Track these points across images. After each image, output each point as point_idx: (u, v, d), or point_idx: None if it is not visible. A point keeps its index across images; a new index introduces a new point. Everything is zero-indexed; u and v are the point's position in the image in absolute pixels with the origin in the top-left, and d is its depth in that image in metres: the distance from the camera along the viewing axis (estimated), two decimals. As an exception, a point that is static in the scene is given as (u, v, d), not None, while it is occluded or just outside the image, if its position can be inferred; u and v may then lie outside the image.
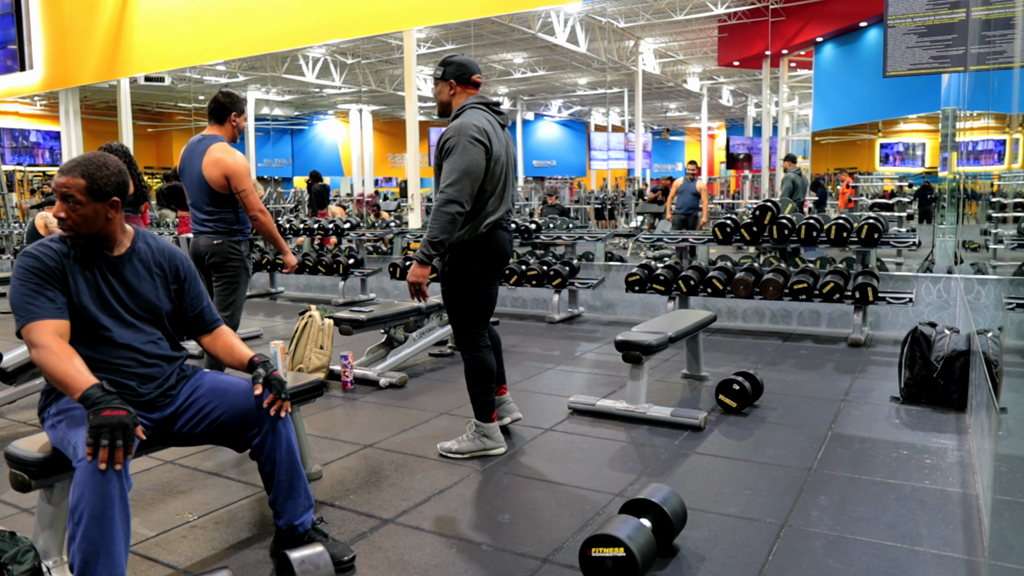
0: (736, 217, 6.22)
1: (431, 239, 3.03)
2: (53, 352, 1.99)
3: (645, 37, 19.35)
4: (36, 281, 2.09)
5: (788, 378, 4.58)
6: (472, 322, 3.28)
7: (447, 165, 3.03)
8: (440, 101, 3.28)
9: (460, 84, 3.22)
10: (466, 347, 3.30)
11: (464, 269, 3.20)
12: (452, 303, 3.29)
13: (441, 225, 3.02)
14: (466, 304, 3.26)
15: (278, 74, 19.63)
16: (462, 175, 3.00)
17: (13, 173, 18.94)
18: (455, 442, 3.34)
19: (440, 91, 3.26)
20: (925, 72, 5.83)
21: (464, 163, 3.00)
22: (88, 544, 1.82)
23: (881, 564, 2.29)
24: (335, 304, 7.84)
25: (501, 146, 3.18)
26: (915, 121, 18.13)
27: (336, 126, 29.12)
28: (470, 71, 3.23)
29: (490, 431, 3.32)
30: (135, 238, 2.31)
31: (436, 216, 3.02)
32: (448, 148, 3.06)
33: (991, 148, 4.90)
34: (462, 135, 3.02)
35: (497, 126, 3.20)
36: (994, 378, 2.87)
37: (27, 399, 4.06)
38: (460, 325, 3.30)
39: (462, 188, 3.00)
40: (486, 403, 3.30)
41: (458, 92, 3.23)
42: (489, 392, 3.31)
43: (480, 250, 3.18)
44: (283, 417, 2.27)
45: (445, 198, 3.00)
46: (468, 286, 3.22)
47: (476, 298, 3.25)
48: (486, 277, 3.24)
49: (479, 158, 3.03)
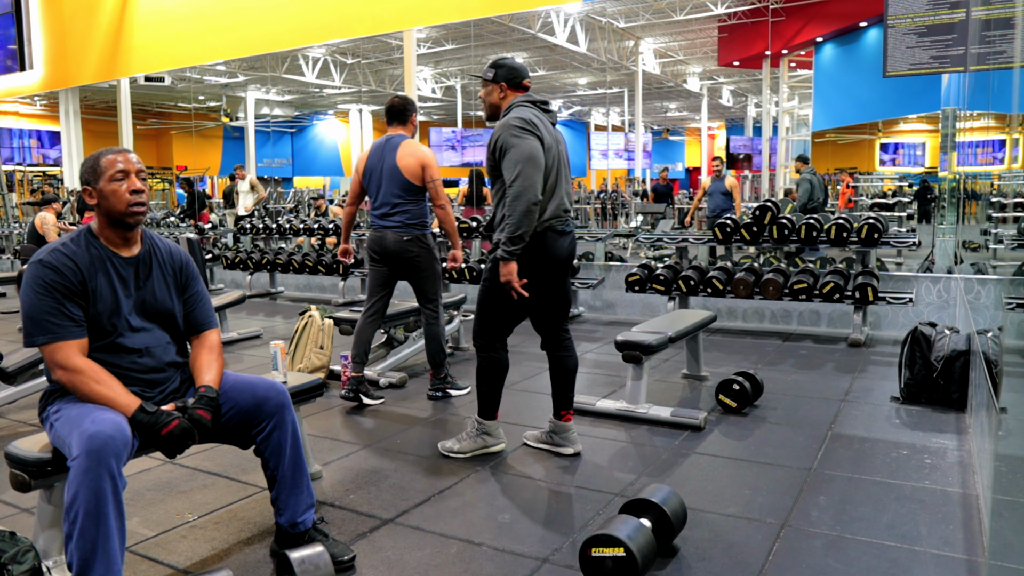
0: (736, 217, 6.22)
1: (510, 235, 2.92)
2: (89, 377, 2.06)
3: (645, 37, 19.34)
4: (56, 296, 2.08)
5: (788, 378, 4.58)
6: (497, 324, 3.18)
7: (505, 163, 2.94)
8: (489, 103, 3.20)
9: (511, 87, 3.15)
10: (482, 345, 3.21)
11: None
12: (484, 299, 3.17)
13: (517, 219, 2.89)
14: (497, 306, 3.14)
15: (278, 74, 19.62)
16: (523, 163, 2.89)
17: (13, 173, 18.93)
18: (455, 441, 3.31)
19: (489, 93, 3.19)
20: (925, 72, 5.83)
21: (521, 153, 2.90)
22: (85, 542, 1.83)
23: (881, 564, 2.29)
24: (335, 304, 7.84)
25: (552, 141, 3.06)
26: (915, 121, 18.14)
27: (336, 126, 29.10)
28: (521, 75, 3.16)
29: (491, 428, 3.28)
30: (144, 239, 2.31)
31: (510, 212, 2.91)
32: (501, 147, 2.97)
33: (991, 148, 4.90)
34: (508, 130, 2.95)
35: (547, 122, 3.09)
36: (994, 378, 2.87)
37: (27, 399, 4.06)
38: (484, 322, 3.19)
39: (527, 176, 2.88)
40: (491, 400, 3.25)
41: (508, 94, 3.16)
42: (497, 391, 3.25)
43: (527, 252, 3.01)
44: (290, 409, 2.30)
45: (514, 192, 2.89)
46: (501, 287, 3.05)
47: (509, 303, 3.10)
48: (531, 282, 3.06)
49: (535, 144, 2.93)
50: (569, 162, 3.25)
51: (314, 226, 8.76)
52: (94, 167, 2.20)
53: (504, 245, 2.95)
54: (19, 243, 10.97)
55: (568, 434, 3.31)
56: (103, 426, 1.90)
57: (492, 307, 3.16)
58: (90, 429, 1.88)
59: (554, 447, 3.33)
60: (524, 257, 3.01)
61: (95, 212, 2.22)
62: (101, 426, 1.90)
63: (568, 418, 3.31)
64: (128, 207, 2.18)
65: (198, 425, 2.11)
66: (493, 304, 3.15)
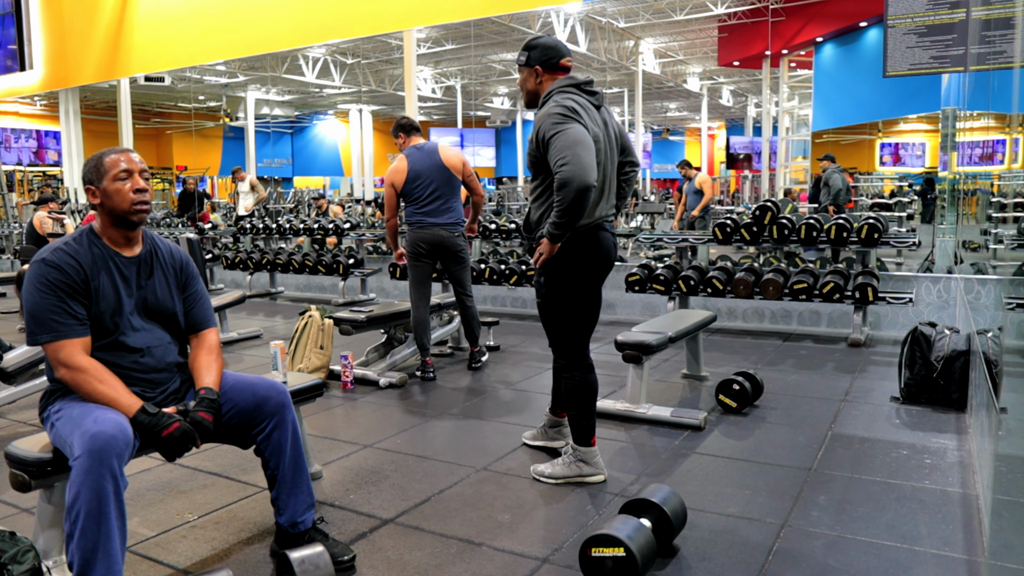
0: (736, 217, 6.22)
1: (555, 219, 2.67)
2: (92, 376, 2.06)
3: (645, 37, 19.35)
4: (59, 294, 2.09)
5: (788, 378, 4.58)
6: (573, 333, 2.93)
7: (551, 153, 2.66)
8: (527, 91, 2.93)
9: (547, 70, 2.86)
10: (567, 363, 2.94)
11: (563, 272, 2.84)
12: (550, 312, 2.93)
13: (566, 206, 2.61)
14: (566, 312, 2.90)
15: (278, 74, 19.63)
16: (572, 146, 2.60)
17: (13, 173, 18.94)
18: (549, 465, 3.03)
19: (525, 79, 2.91)
20: (925, 72, 5.83)
21: (568, 138, 2.62)
22: (86, 541, 1.83)
23: (881, 564, 2.29)
24: (335, 304, 7.84)
25: (598, 129, 2.78)
26: (915, 121, 18.14)
27: (336, 126, 29.12)
28: (559, 54, 2.86)
29: (589, 456, 2.97)
30: (145, 239, 2.32)
31: (560, 200, 2.63)
32: (543, 138, 2.70)
33: (991, 148, 4.90)
34: (548, 119, 2.69)
35: (591, 107, 2.81)
36: (994, 378, 2.86)
37: (27, 399, 4.06)
38: (560, 337, 2.95)
39: (578, 157, 2.58)
40: (586, 426, 2.95)
41: (545, 79, 2.87)
42: (591, 414, 2.95)
43: (581, 250, 2.81)
44: (290, 409, 2.30)
45: (563, 177, 2.58)
46: (568, 291, 2.86)
47: (577, 305, 2.89)
48: (588, 281, 2.88)
49: (580, 129, 2.65)
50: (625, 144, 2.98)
51: (314, 226, 8.76)
52: (97, 167, 2.20)
53: (550, 228, 2.71)
54: (19, 243, 10.97)
55: (564, 428, 3.34)
56: (105, 426, 1.90)
57: (559, 315, 2.93)
58: (92, 429, 1.89)
59: (549, 441, 3.36)
60: (578, 255, 2.82)
61: (98, 212, 2.22)
62: (103, 426, 1.90)
63: (564, 415, 3.32)
64: (132, 206, 2.18)
65: (200, 427, 2.11)
66: (559, 312, 2.92)
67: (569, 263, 2.83)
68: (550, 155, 2.67)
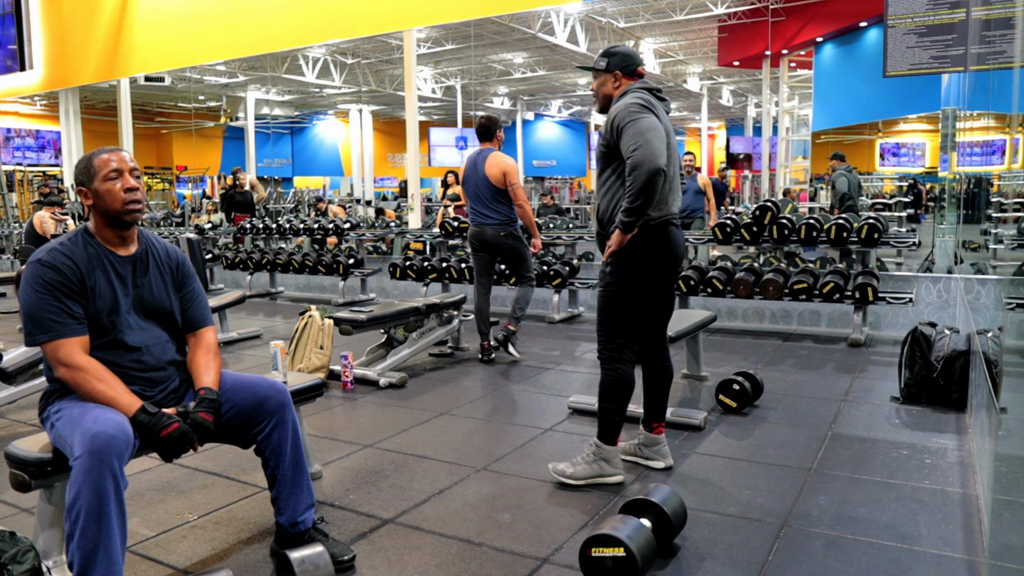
0: (736, 217, 6.22)
1: (628, 204, 2.72)
2: (91, 375, 2.06)
3: (645, 37, 19.34)
4: (56, 294, 2.09)
5: (788, 378, 4.58)
6: (621, 328, 2.92)
7: (624, 140, 2.75)
8: (603, 94, 3.03)
9: (626, 75, 2.99)
10: (608, 356, 2.94)
11: (629, 265, 2.86)
12: (608, 303, 2.94)
13: (638, 188, 2.68)
14: (620, 307, 2.91)
15: (278, 74, 19.62)
16: (643, 132, 2.71)
17: (13, 173, 18.93)
18: (569, 464, 2.99)
19: (603, 83, 3.02)
20: (925, 72, 5.83)
21: (641, 126, 2.72)
22: (87, 541, 1.83)
23: (881, 564, 2.29)
24: (335, 304, 7.84)
25: (667, 130, 2.89)
26: (915, 121, 18.15)
27: (336, 126, 29.11)
28: (636, 62, 3.01)
29: (610, 455, 2.95)
30: (140, 238, 2.32)
31: (631, 183, 2.70)
32: (618, 126, 2.79)
33: (991, 148, 4.90)
34: (625, 108, 2.80)
35: (660, 109, 2.91)
36: (994, 378, 2.86)
37: (27, 399, 4.06)
38: (607, 329, 2.95)
39: (649, 142, 2.69)
40: (614, 422, 2.93)
41: (622, 84, 3.00)
42: (621, 411, 2.94)
43: (650, 245, 2.85)
44: (290, 409, 2.30)
45: (635, 161, 2.68)
46: (631, 285, 2.88)
47: (633, 302, 2.91)
48: (651, 280, 2.91)
49: (653, 119, 2.77)
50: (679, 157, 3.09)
51: (314, 226, 8.76)
52: (87, 167, 2.20)
53: (622, 216, 2.76)
54: (19, 243, 10.97)
55: (660, 447, 3.13)
56: (105, 426, 1.90)
57: (613, 308, 2.93)
58: (93, 429, 1.89)
59: (645, 460, 3.15)
60: (646, 251, 2.85)
61: (92, 212, 2.23)
62: (103, 426, 1.90)
63: (660, 430, 3.12)
64: (124, 205, 2.18)
65: (200, 428, 2.11)
66: (613, 304, 2.93)
67: (637, 256, 2.86)
68: (623, 142, 2.77)
